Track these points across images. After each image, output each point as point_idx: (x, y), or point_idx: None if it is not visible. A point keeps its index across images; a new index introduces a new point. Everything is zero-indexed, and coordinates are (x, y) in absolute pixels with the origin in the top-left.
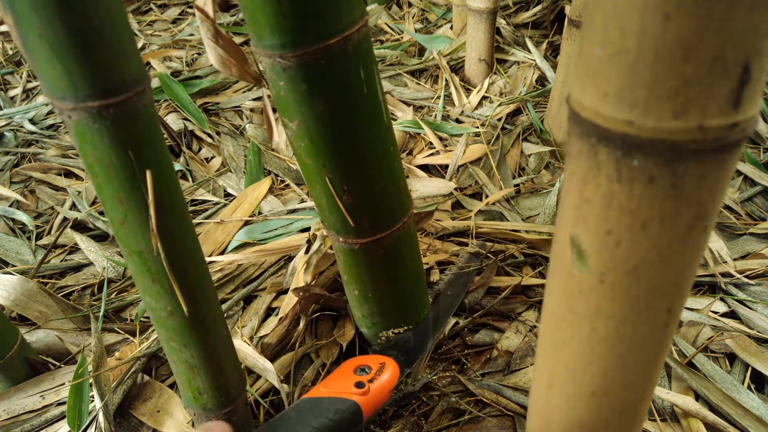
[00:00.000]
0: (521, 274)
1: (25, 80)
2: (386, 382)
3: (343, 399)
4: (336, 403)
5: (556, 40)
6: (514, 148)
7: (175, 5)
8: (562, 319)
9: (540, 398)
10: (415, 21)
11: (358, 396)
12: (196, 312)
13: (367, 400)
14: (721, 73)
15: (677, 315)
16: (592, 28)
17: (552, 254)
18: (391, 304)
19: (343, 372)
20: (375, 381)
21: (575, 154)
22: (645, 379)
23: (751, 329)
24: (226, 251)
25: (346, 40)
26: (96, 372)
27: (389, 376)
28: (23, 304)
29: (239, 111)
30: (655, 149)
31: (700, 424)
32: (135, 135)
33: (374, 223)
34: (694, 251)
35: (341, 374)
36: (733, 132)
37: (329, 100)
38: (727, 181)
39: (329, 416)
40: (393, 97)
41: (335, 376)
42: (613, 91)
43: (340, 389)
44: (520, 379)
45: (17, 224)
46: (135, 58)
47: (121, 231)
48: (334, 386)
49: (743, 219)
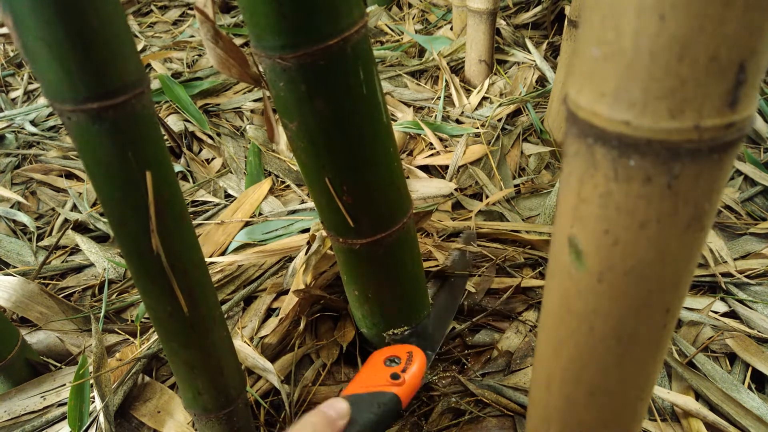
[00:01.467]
0: (521, 274)
1: (26, 82)
2: (418, 370)
3: (383, 392)
4: (377, 397)
5: (556, 41)
6: (514, 149)
7: (175, 7)
8: (561, 319)
9: (539, 398)
10: (415, 22)
11: (396, 387)
12: (196, 313)
13: (404, 390)
14: (717, 73)
15: (675, 315)
16: (588, 28)
17: (550, 254)
18: (391, 305)
19: (373, 366)
20: (407, 370)
21: (572, 155)
22: (644, 378)
23: (751, 329)
24: (227, 252)
25: (345, 41)
26: (97, 373)
27: (419, 363)
28: (24, 305)
29: (240, 112)
30: (651, 149)
31: (701, 424)
32: (134, 136)
33: (374, 223)
34: (692, 251)
35: (372, 368)
36: (730, 132)
37: (329, 100)
38: (725, 180)
39: (373, 411)
40: (393, 98)
41: (367, 370)
42: (610, 91)
43: (377, 383)
44: (521, 380)
45: (18, 225)
46: (134, 59)
47: (120, 232)
48: (369, 381)
49: (743, 219)
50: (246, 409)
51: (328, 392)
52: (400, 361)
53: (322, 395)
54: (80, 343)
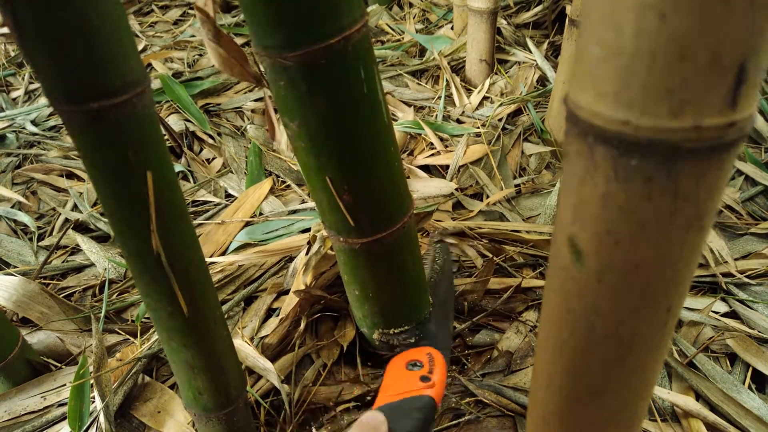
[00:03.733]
0: (521, 274)
1: (27, 82)
2: (443, 370)
3: (419, 396)
4: (413, 402)
5: (557, 40)
6: (514, 149)
7: (176, 6)
8: (561, 319)
9: (539, 398)
10: (416, 21)
11: (429, 390)
12: (196, 312)
13: (436, 391)
14: (718, 73)
15: (676, 314)
16: (588, 28)
17: (551, 254)
18: (392, 304)
19: (397, 372)
20: (434, 372)
21: (573, 154)
22: (644, 378)
23: (751, 329)
24: (227, 252)
25: (346, 40)
26: (97, 373)
27: (441, 363)
28: (24, 305)
29: (240, 112)
30: (652, 149)
31: (701, 424)
32: (135, 136)
33: (374, 222)
34: (692, 250)
35: (397, 375)
36: (730, 131)
37: (329, 100)
38: (725, 180)
39: (413, 416)
40: (394, 98)
41: (392, 378)
42: (610, 90)
43: (409, 388)
44: (521, 380)
45: (19, 225)
46: (134, 59)
47: (121, 232)
48: (399, 388)
49: (744, 219)
50: (246, 409)
51: (328, 392)
52: (423, 363)
53: (323, 395)
54: (80, 343)
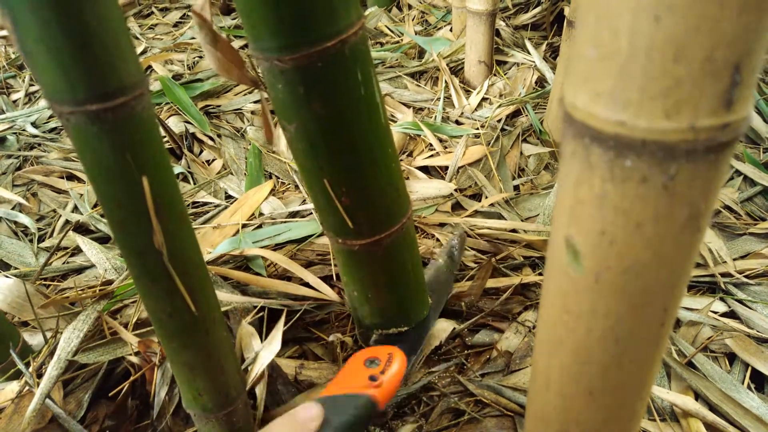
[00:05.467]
0: (520, 275)
1: (27, 84)
2: (397, 372)
3: (360, 395)
4: (353, 399)
5: (556, 42)
6: (513, 150)
7: (176, 9)
8: (558, 320)
9: (538, 398)
10: (414, 23)
11: (373, 389)
12: (196, 313)
13: (381, 392)
14: (713, 74)
15: (673, 314)
16: (584, 29)
17: (548, 255)
18: (391, 305)
19: (353, 366)
20: (386, 372)
21: (569, 155)
22: (642, 378)
23: (750, 329)
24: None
25: (343, 42)
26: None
27: (399, 365)
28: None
29: (240, 113)
30: (647, 150)
31: (700, 424)
32: (133, 138)
33: (373, 224)
34: (689, 250)
35: (352, 369)
36: (725, 132)
37: (327, 102)
38: (721, 180)
39: (348, 413)
40: (393, 99)
41: (347, 371)
42: (606, 91)
43: (355, 384)
44: (520, 380)
45: (19, 227)
46: (133, 61)
47: (120, 233)
48: (347, 382)
49: (743, 219)
50: (246, 409)
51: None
52: (380, 362)
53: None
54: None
